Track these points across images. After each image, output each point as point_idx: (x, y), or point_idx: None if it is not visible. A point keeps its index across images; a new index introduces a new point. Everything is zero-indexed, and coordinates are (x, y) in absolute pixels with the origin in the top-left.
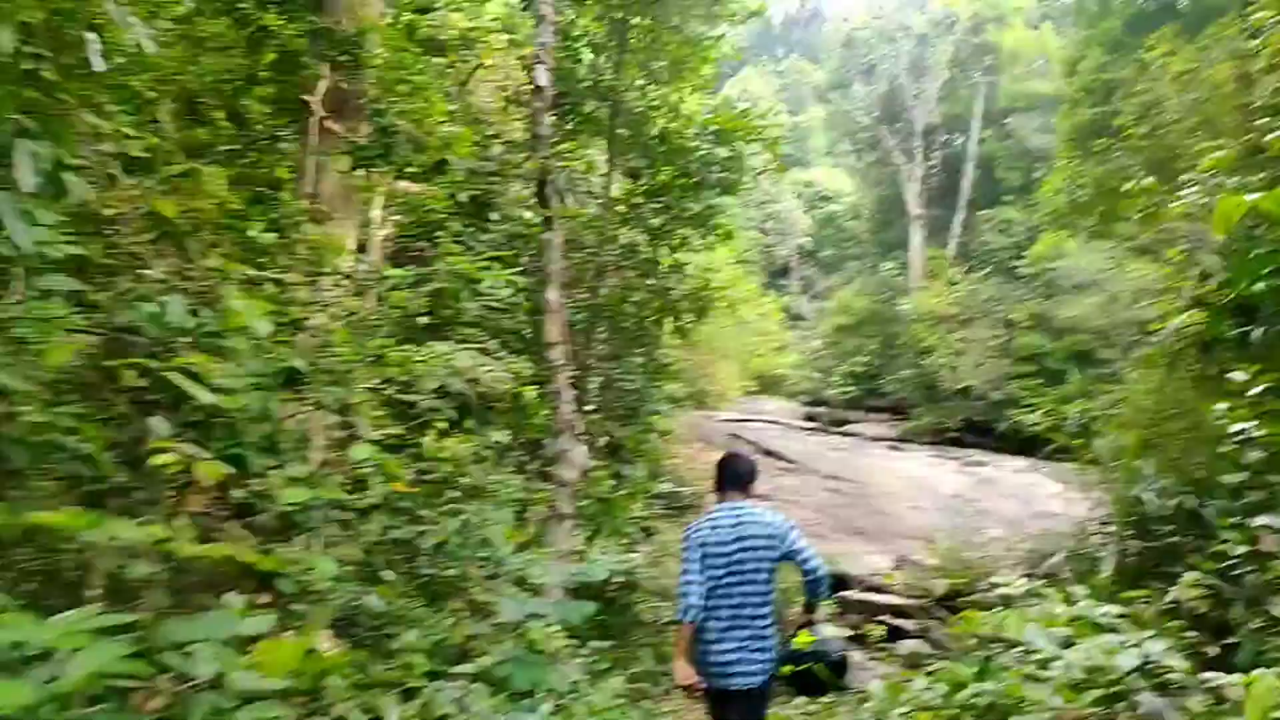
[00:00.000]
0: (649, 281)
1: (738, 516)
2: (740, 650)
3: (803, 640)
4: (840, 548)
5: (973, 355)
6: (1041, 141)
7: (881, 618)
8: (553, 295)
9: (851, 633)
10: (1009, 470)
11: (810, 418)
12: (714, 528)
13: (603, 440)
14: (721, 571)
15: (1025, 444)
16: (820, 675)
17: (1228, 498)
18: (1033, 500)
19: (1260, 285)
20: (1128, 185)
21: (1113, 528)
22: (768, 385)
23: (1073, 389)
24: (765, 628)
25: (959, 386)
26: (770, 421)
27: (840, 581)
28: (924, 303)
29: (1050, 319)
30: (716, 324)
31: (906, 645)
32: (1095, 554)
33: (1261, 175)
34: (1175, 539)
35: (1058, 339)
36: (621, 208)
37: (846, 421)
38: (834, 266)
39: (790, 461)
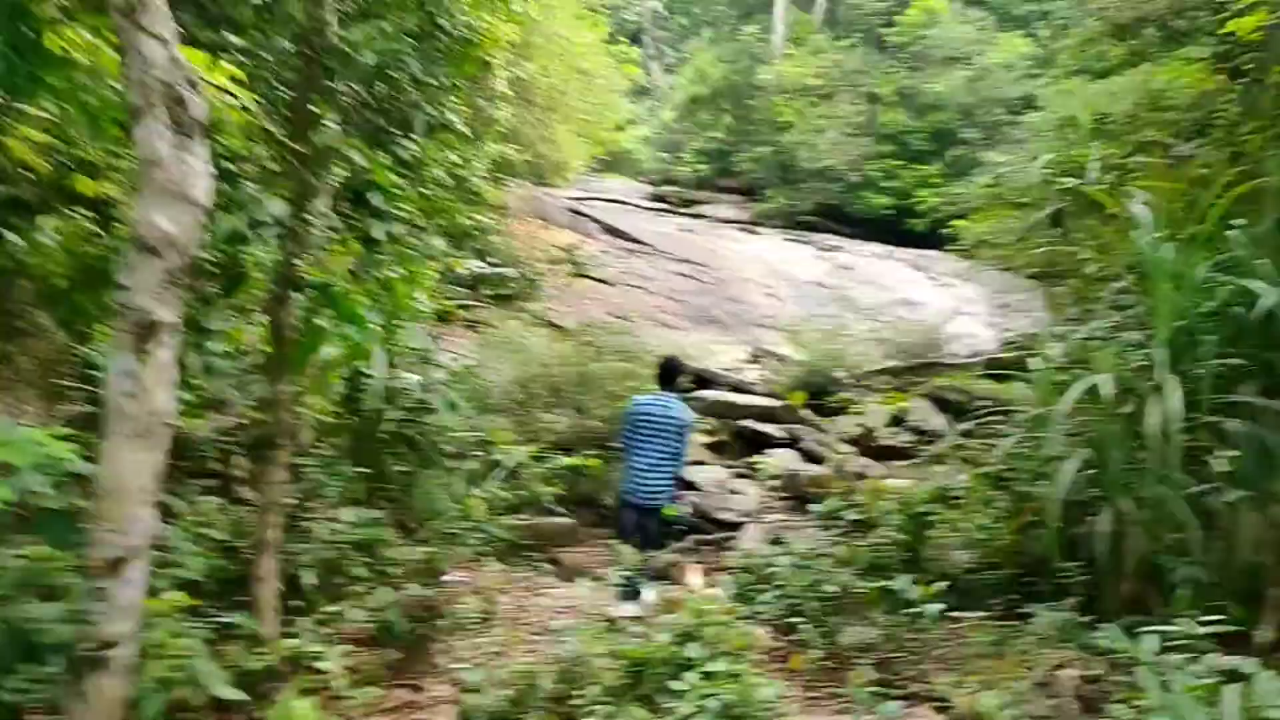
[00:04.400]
0: None
1: (662, 404)
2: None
3: (669, 512)
4: (696, 339)
5: (832, 132)
6: None
7: (744, 422)
8: None
9: (710, 440)
10: (867, 256)
11: (658, 198)
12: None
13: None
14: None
15: (882, 229)
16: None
17: None
18: (892, 288)
19: None
20: None
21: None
22: (613, 163)
23: (935, 171)
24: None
25: (816, 166)
26: (616, 201)
27: (700, 379)
28: (786, 73)
29: (916, 94)
30: (552, 75)
31: (776, 458)
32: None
33: None
34: None
35: (921, 116)
36: None
37: (696, 202)
38: (690, 33)
39: (639, 243)
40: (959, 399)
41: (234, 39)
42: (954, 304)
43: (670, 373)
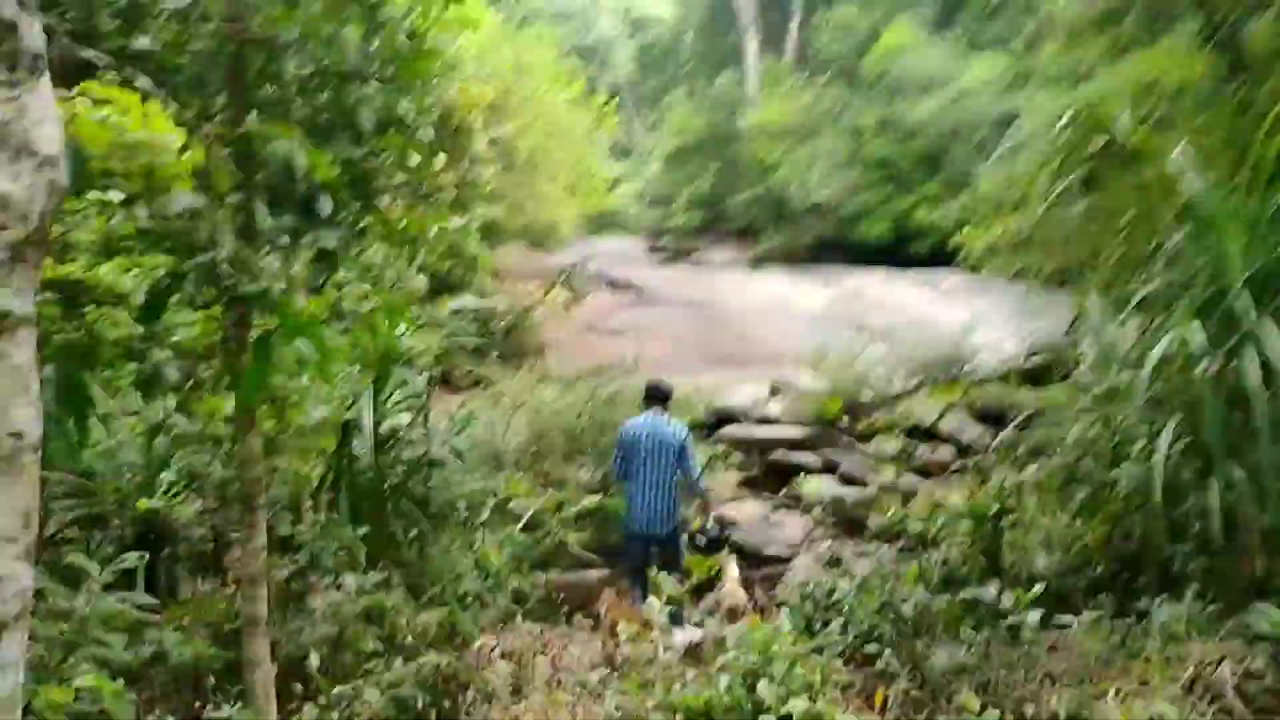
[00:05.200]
0: None
1: (650, 424)
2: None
3: (696, 526)
4: (711, 379)
5: (820, 168)
6: None
7: (775, 453)
8: None
9: (741, 476)
10: (873, 282)
11: (655, 249)
12: (636, 427)
13: None
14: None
15: (884, 256)
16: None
17: None
18: (904, 309)
19: None
20: None
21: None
22: (604, 225)
23: (929, 192)
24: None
25: (809, 203)
26: (614, 258)
27: (721, 418)
28: (765, 116)
29: (897, 123)
30: (532, 135)
31: (813, 486)
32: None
33: None
34: None
35: (906, 143)
36: None
37: (694, 250)
38: (665, 89)
39: (642, 291)
40: (995, 407)
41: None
42: (970, 317)
43: (655, 393)
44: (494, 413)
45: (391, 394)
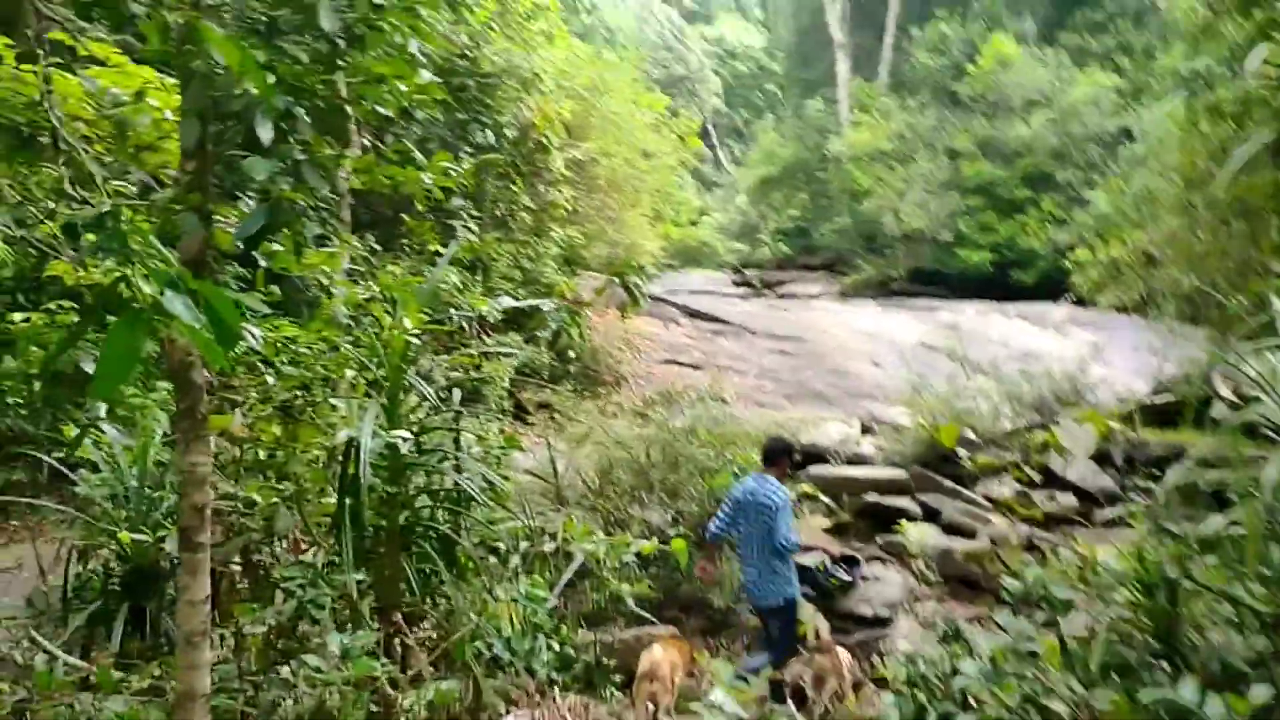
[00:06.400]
0: None
1: (752, 486)
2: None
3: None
4: (798, 415)
5: (915, 194)
6: None
7: (868, 496)
8: None
9: (830, 522)
10: (971, 314)
11: (741, 283)
12: (739, 489)
13: None
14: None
15: (985, 286)
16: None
17: None
18: (1007, 342)
19: None
20: None
21: None
22: (690, 258)
23: (1034, 217)
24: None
25: (902, 232)
26: (700, 291)
27: (808, 456)
28: (856, 141)
29: (999, 143)
30: (614, 156)
31: (915, 535)
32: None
33: None
34: None
35: (1009, 165)
36: None
37: (781, 283)
38: (753, 120)
39: (726, 323)
40: (1125, 450)
41: None
42: (1082, 351)
43: (772, 453)
44: (561, 446)
45: (413, 411)
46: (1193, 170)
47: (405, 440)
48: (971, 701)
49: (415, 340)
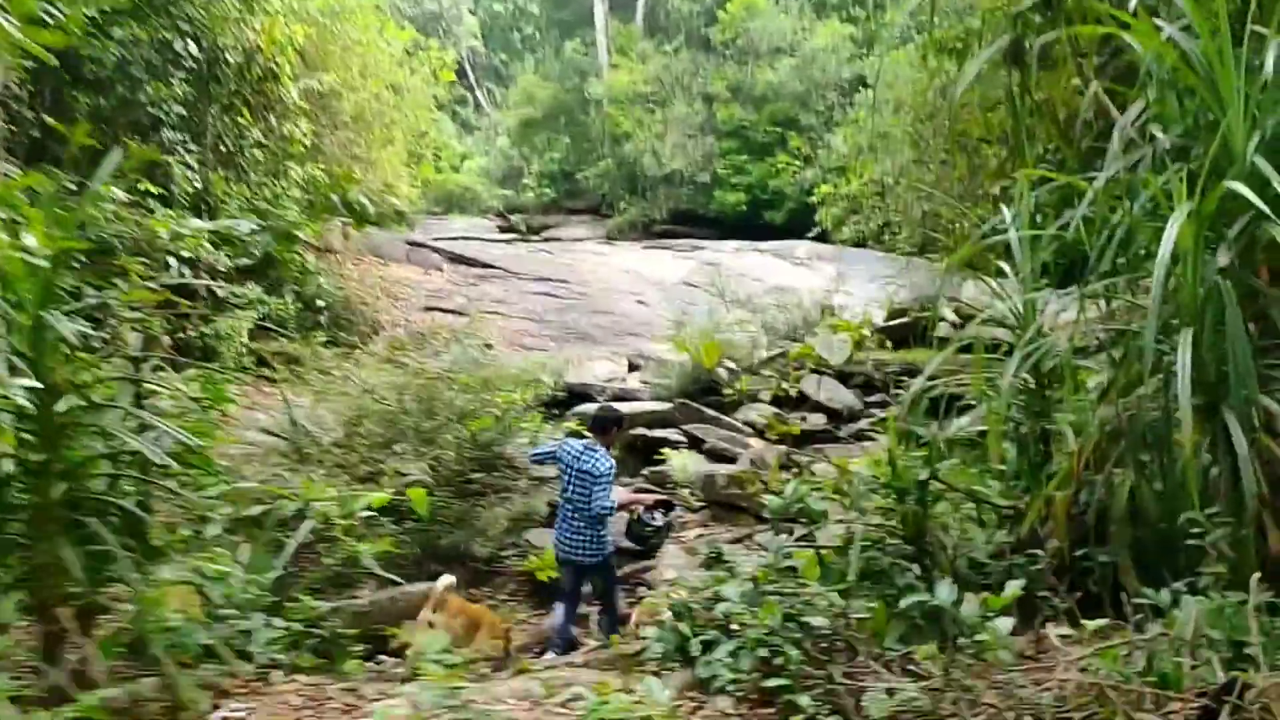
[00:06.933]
0: None
1: (576, 451)
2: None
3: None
4: (563, 356)
5: (674, 136)
6: None
7: (635, 430)
8: None
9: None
10: (729, 253)
11: (505, 229)
12: (568, 450)
13: None
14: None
15: (740, 226)
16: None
17: None
18: (762, 278)
19: None
20: None
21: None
22: (454, 204)
23: (784, 160)
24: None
25: (663, 174)
26: (463, 237)
27: (574, 394)
28: (615, 83)
29: (749, 87)
30: (358, 89)
31: (679, 463)
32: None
33: None
34: None
35: (759, 109)
36: None
37: (546, 227)
38: (507, 72)
39: (490, 268)
40: (866, 371)
41: None
42: (827, 284)
43: (601, 421)
44: (305, 401)
45: (82, 363)
46: (923, 105)
47: (52, 393)
48: (734, 626)
49: (46, 265)
